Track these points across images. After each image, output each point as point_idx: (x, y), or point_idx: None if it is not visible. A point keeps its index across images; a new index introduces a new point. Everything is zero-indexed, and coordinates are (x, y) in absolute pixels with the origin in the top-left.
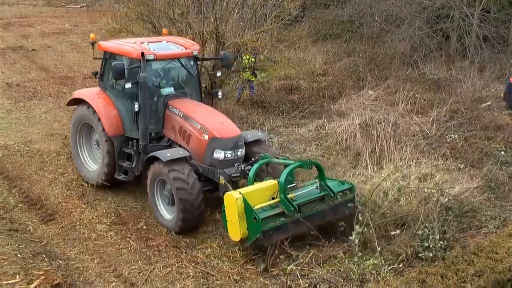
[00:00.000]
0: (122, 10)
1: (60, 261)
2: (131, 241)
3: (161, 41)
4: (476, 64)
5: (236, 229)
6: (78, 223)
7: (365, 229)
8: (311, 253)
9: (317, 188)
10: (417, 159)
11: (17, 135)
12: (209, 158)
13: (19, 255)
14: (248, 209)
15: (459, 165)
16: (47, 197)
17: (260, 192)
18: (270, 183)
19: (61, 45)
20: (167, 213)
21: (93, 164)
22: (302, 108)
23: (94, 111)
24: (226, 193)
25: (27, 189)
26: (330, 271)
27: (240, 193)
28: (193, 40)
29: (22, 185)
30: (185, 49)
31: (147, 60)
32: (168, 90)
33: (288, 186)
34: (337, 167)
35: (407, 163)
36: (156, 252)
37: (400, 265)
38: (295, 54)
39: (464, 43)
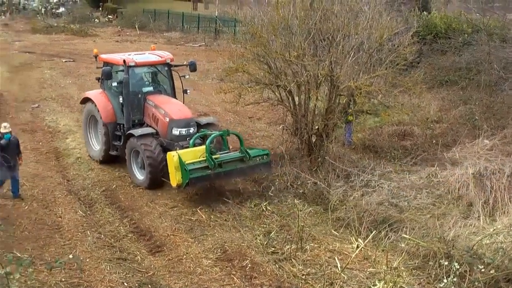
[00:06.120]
0: (239, 50)
1: None
2: (235, 278)
3: (144, 53)
4: None
5: (173, 178)
6: (184, 256)
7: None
8: None
9: (239, 153)
10: None
11: None
12: (169, 135)
13: (125, 284)
14: (181, 164)
15: None
16: (156, 229)
17: (193, 153)
18: (202, 147)
19: (178, 81)
20: (140, 175)
21: (97, 146)
22: (415, 155)
23: (96, 106)
24: (168, 152)
25: (137, 220)
26: None
27: (176, 153)
28: (308, 82)
29: (133, 215)
30: (161, 58)
31: (130, 66)
32: (147, 89)
33: (221, 152)
34: (447, 216)
35: None
36: None
37: None
38: (409, 100)
39: None
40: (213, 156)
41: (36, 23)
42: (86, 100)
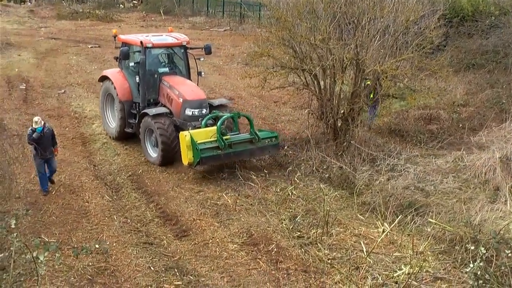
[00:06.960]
0: (264, 35)
1: (191, 277)
2: (261, 262)
3: (162, 35)
4: None
5: (185, 156)
6: (210, 241)
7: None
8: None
9: (249, 134)
10: None
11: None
12: (182, 115)
13: (152, 268)
14: (193, 143)
15: None
16: (182, 213)
17: (205, 133)
18: (213, 128)
19: (203, 66)
20: (153, 152)
21: (113, 123)
22: (441, 139)
23: (113, 84)
24: (180, 132)
25: (163, 205)
26: None
27: (188, 132)
28: (333, 66)
29: (159, 200)
30: (177, 40)
31: (147, 47)
32: (163, 70)
33: (231, 133)
34: (474, 200)
35: None
36: (285, 275)
37: None
38: (436, 84)
39: None
40: (224, 137)
41: (62, 9)
42: (104, 78)
